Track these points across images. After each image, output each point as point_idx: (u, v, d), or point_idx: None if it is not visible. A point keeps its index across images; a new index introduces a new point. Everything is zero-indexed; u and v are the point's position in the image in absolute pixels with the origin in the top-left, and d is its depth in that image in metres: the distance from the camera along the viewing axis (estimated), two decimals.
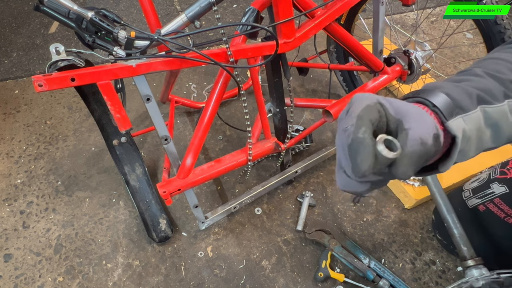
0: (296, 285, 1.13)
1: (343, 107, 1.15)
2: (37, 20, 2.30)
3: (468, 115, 0.47)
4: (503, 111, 0.49)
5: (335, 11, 0.99)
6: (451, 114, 0.45)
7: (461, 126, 0.45)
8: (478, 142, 0.48)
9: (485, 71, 0.53)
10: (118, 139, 1.28)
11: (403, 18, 2.28)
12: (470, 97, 0.48)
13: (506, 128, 0.50)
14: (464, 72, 0.55)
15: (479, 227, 1.04)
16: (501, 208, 0.96)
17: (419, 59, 1.22)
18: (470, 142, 0.47)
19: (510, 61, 0.54)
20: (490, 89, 0.50)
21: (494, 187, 0.99)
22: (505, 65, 0.53)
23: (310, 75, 1.87)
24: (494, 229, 1.00)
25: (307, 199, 1.30)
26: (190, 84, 1.83)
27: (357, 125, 0.38)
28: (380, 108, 0.41)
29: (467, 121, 0.46)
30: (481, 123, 0.48)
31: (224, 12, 2.39)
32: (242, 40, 0.97)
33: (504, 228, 0.96)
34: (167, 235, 1.22)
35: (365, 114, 0.39)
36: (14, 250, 1.23)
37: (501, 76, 0.52)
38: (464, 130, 0.46)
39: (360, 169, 0.38)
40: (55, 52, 0.79)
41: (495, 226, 0.99)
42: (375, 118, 0.40)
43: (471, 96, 0.48)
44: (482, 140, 0.49)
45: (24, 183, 1.43)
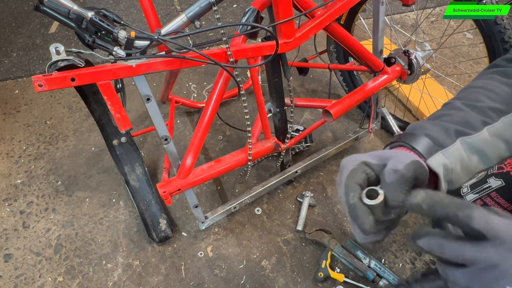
0: (296, 285, 1.13)
1: (343, 107, 1.15)
2: (37, 20, 2.30)
3: (447, 150, 0.52)
4: (484, 139, 0.53)
5: (335, 11, 0.99)
6: (431, 153, 0.51)
7: (441, 161, 0.51)
8: (466, 170, 0.53)
9: (464, 102, 0.59)
10: (118, 139, 1.28)
11: (403, 18, 2.28)
12: (448, 133, 0.54)
13: (492, 152, 0.54)
14: (445, 105, 0.61)
15: None
16: (498, 202, 0.96)
17: (419, 59, 1.22)
18: (455, 172, 0.52)
19: (488, 89, 0.59)
20: (469, 120, 0.55)
21: (490, 181, 0.99)
22: (484, 93, 0.59)
23: (310, 75, 1.87)
24: None
25: (307, 199, 1.30)
26: (190, 84, 1.83)
27: (346, 193, 0.44)
28: (364, 167, 0.46)
29: (447, 155, 0.51)
30: (462, 154, 0.52)
31: (224, 12, 2.39)
32: (242, 40, 0.97)
33: None
34: (167, 235, 1.22)
35: (350, 181, 0.45)
36: (14, 250, 1.24)
37: (479, 104, 0.57)
38: (445, 164, 0.51)
39: (365, 229, 0.43)
40: (55, 52, 0.79)
41: None
42: (362, 178, 0.45)
43: (449, 132, 0.54)
44: (470, 166, 0.53)
45: (24, 183, 1.43)
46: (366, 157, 0.48)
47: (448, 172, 0.51)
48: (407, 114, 1.65)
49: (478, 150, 0.53)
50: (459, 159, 0.52)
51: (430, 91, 1.50)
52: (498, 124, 0.54)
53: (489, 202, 0.99)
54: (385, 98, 1.74)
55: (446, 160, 0.51)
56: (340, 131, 1.59)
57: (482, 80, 0.63)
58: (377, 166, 0.47)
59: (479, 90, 0.60)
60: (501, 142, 0.54)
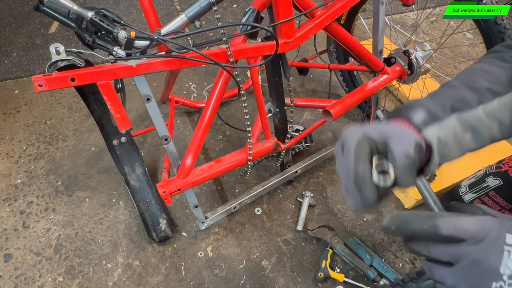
0: (296, 285, 1.13)
1: (343, 107, 1.15)
2: (37, 20, 2.30)
3: (442, 123, 0.54)
4: (477, 116, 0.55)
5: (335, 11, 0.99)
6: (427, 124, 0.53)
7: (436, 133, 0.52)
8: (459, 145, 0.54)
9: (461, 82, 0.61)
10: (118, 139, 1.28)
11: (403, 18, 2.28)
12: (443, 108, 0.57)
13: (485, 130, 0.55)
14: (444, 85, 0.64)
15: None
16: (496, 201, 0.96)
17: (419, 59, 1.22)
18: (448, 146, 0.53)
19: (486, 70, 0.62)
20: (464, 98, 0.59)
21: (489, 180, 0.99)
22: (481, 75, 0.61)
23: (310, 75, 1.87)
24: None
25: (307, 199, 1.30)
26: (190, 84, 1.83)
27: (356, 164, 0.45)
28: (369, 141, 0.47)
29: (441, 128, 0.53)
30: (456, 128, 0.54)
31: (224, 12, 2.39)
32: (242, 40, 0.97)
33: None
34: (167, 235, 1.22)
35: (360, 152, 0.46)
36: (14, 250, 1.23)
37: (476, 85, 0.60)
38: (439, 137, 0.53)
39: (368, 202, 0.45)
40: (55, 52, 0.79)
41: None
42: (367, 151, 0.46)
43: (445, 106, 0.58)
44: (463, 142, 0.55)
45: (24, 183, 1.43)
46: (368, 130, 0.48)
47: (441, 145, 0.53)
48: None
49: (472, 127, 0.55)
50: (453, 133, 0.54)
51: (430, 91, 1.50)
52: (493, 104, 0.55)
53: (487, 202, 0.99)
54: (385, 98, 1.74)
55: (440, 132, 0.53)
56: (340, 131, 1.59)
57: (480, 63, 0.65)
58: (379, 142, 0.48)
59: (477, 72, 0.62)
60: (495, 122, 0.55)
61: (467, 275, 0.36)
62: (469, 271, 0.36)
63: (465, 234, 0.37)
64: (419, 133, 0.51)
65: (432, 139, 0.51)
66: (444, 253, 0.39)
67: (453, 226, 0.38)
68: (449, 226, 0.38)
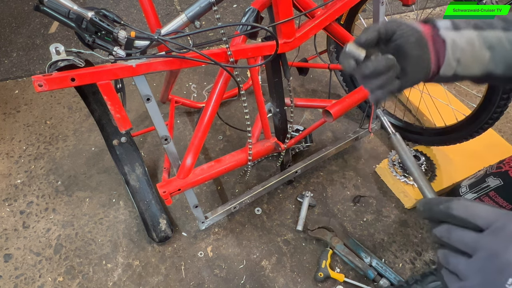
0: (296, 285, 1.13)
1: (343, 107, 1.15)
2: (37, 20, 2.30)
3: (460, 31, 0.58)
4: (498, 37, 0.57)
5: (335, 11, 0.99)
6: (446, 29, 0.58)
7: (452, 35, 0.57)
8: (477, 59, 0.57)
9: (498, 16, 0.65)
10: (118, 139, 1.28)
11: (403, 18, 2.28)
12: (467, 22, 0.60)
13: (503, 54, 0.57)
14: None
15: None
16: (496, 201, 0.96)
17: None
18: (465, 53, 0.57)
19: None
20: (491, 22, 0.60)
21: (489, 180, 0.99)
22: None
23: (310, 75, 1.87)
24: None
25: (307, 199, 1.30)
26: (190, 84, 1.83)
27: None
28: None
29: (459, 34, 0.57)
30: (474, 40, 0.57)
31: (224, 12, 2.39)
32: (242, 40, 0.97)
33: None
34: (167, 235, 1.22)
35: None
36: (14, 250, 1.23)
37: (508, 17, 0.60)
38: (455, 39, 0.57)
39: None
40: (55, 52, 0.79)
41: None
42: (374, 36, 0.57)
43: (469, 22, 0.60)
44: (481, 59, 0.58)
45: (24, 183, 1.43)
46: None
47: (456, 48, 0.57)
48: (407, 114, 1.65)
49: (491, 47, 0.57)
50: (470, 43, 0.57)
51: (430, 91, 1.50)
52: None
53: (487, 202, 0.99)
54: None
55: (456, 37, 0.57)
56: (340, 131, 1.59)
57: None
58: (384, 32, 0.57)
59: None
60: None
61: (483, 267, 0.36)
62: (485, 264, 0.35)
63: (476, 219, 0.38)
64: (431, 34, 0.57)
65: (446, 38, 0.56)
66: (462, 242, 0.39)
67: (464, 208, 0.39)
68: (460, 208, 0.39)
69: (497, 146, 1.40)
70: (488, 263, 0.35)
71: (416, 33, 0.57)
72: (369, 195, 1.36)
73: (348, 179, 1.41)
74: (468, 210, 0.39)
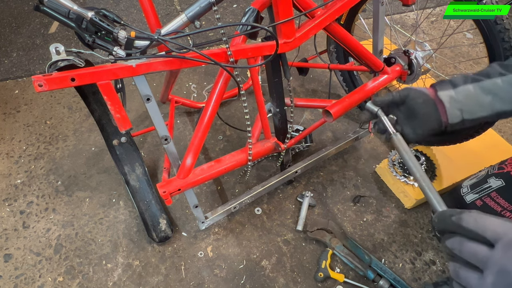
0: (296, 285, 1.13)
1: (343, 107, 1.15)
2: (37, 20, 2.30)
3: (457, 88, 0.72)
4: (495, 83, 0.69)
5: (335, 11, 0.99)
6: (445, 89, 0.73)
7: (448, 93, 0.72)
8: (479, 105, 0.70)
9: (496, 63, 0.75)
10: (118, 139, 1.28)
11: (403, 18, 2.28)
12: (465, 79, 0.73)
13: (504, 94, 0.68)
14: None
15: None
16: (498, 202, 0.96)
17: (419, 59, 1.22)
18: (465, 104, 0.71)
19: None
20: (488, 72, 0.72)
21: (491, 181, 0.99)
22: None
23: (310, 75, 1.87)
24: None
25: (307, 199, 1.30)
26: (190, 84, 1.83)
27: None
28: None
29: (456, 91, 0.72)
30: (471, 91, 0.71)
31: (224, 12, 2.39)
32: (242, 40, 0.96)
33: None
34: (167, 235, 1.22)
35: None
36: (14, 250, 1.24)
37: (506, 62, 0.72)
38: (451, 96, 0.72)
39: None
40: (55, 52, 0.79)
41: None
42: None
43: (466, 78, 0.73)
44: (483, 103, 0.70)
45: (24, 183, 1.43)
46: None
47: (454, 102, 0.71)
48: None
49: (491, 91, 0.69)
50: (468, 94, 0.70)
51: None
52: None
53: (489, 202, 0.99)
54: None
55: (452, 93, 0.72)
56: (340, 131, 1.59)
57: None
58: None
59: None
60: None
61: (494, 284, 0.36)
62: (496, 280, 0.35)
63: (485, 232, 0.38)
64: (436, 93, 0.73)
65: (443, 97, 0.72)
66: (473, 256, 0.39)
67: (474, 220, 0.39)
68: (470, 220, 0.40)
69: (497, 146, 1.40)
70: (499, 280, 0.35)
71: (424, 95, 0.74)
72: (369, 195, 1.36)
73: (348, 179, 1.41)
74: (478, 222, 0.39)
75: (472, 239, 0.40)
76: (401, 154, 0.77)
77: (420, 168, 0.74)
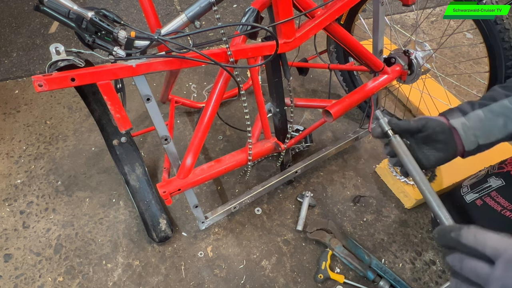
0: (296, 285, 1.13)
1: (343, 107, 1.15)
2: (37, 20, 2.30)
3: (468, 114, 0.74)
4: (503, 104, 0.71)
5: (335, 11, 0.99)
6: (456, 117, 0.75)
7: (460, 120, 0.74)
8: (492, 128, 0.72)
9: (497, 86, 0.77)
10: (118, 139, 1.28)
11: (403, 18, 2.28)
12: (471, 105, 0.75)
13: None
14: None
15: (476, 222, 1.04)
16: (498, 201, 0.96)
17: (419, 59, 1.22)
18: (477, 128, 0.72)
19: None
20: (493, 95, 0.74)
21: (491, 181, 0.99)
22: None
23: (310, 75, 1.87)
24: (491, 223, 1.00)
25: (307, 199, 1.30)
26: (190, 84, 1.83)
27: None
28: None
29: (466, 117, 0.74)
30: (481, 116, 0.73)
31: (224, 12, 2.39)
32: (242, 40, 0.97)
33: (501, 222, 0.97)
34: (167, 235, 1.22)
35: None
36: (14, 250, 1.24)
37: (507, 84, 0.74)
38: (463, 123, 0.73)
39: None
40: (55, 52, 0.79)
41: (492, 220, 0.99)
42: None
43: (473, 104, 0.75)
44: (496, 126, 0.72)
45: (24, 183, 1.43)
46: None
47: (467, 128, 0.72)
48: (407, 114, 1.65)
49: (502, 114, 0.71)
50: (479, 119, 0.72)
51: (430, 91, 1.50)
52: None
53: (489, 202, 0.99)
54: (385, 98, 1.74)
55: (464, 120, 0.73)
56: (340, 131, 1.59)
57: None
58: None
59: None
60: None
61: None
62: None
63: (485, 248, 0.37)
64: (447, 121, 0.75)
65: (455, 124, 0.73)
66: (474, 273, 0.38)
67: (473, 237, 0.39)
68: (469, 236, 0.39)
69: (497, 146, 1.40)
70: None
71: (442, 124, 0.75)
72: (369, 195, 1.36)
73: (348, 179, 1.41)
74: (477, 238, 0.39)
75: (472, 255, 0.39)
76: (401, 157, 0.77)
77: (420, 171, 0.74)
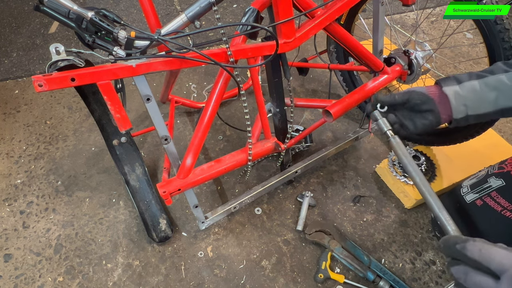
0: (296, 285, 1.13)
1: (343, 107, 1.15)
2: (37, 20, 2.30)
3: (463, 83, 0.74)
4: (499, 79, 0.70)
5: (335, 11, 0.99)
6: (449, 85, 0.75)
7: (453, 89, 0.74)
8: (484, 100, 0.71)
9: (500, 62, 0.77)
10: (118, 139, 1.28)
11: (403, 18, 2.28)
12: (470, 76, 0.75)
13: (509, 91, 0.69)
14: None
15: (477, 222, 1.04)
16: (498, 202, 0.96)
17: (419, 59, 1.22)
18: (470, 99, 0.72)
19: None
20: (492, 69, 0.73)
21: (491, 181, 0.99)
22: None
23: (310, 75, 1.87)
24: (491, 223, 1.00)
25: (307, 199, 1.30)
26: (190, 84, 1.83)
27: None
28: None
29: (461, 86, 0.73)
30: (476, 86, 0.72)
31: (224, 12, 2.39)
32: (242, 40, 0.96)
33: (501, 222, 0.96)
34: (167, 235, 1.22)
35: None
36: (14, 250, 1.23)
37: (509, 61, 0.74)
38: (456, 91, 0.74)
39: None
40: (55, 52, 0.79)
41: (492, 220, 0.99)
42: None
43: (471, 74, 0.75)
44: (487, 99, 0.71)
45: (24, 183, 1.43)
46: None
47: (458, 97, 0.73)
48: None
49: (495, 88, 0.70)
50: (473, 89, 0.71)
51: None
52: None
53: (489, 202, 0.99)
54: None
55: (457, 89, 0.73)
56: (340, 131, 1.59)
57: None
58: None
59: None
60: None
61: None
62: None
63: (490, 263, 0.37)
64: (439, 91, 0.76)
65: (447, 92, 0.73)
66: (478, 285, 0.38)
67: (478, 251, 0.38)
68: (474, 250, 0.39)
69: (497, 146, 1.40)
70: None
71: (423, 95, 0.77)
72: (369, 195, 1.36)
73: (348, 179, 1.41)
74: (483, 253, 0.38)
75: (477, 268, 0.39)
76: (400, 158, 0.77)
77: (420, 172, 0.74)
